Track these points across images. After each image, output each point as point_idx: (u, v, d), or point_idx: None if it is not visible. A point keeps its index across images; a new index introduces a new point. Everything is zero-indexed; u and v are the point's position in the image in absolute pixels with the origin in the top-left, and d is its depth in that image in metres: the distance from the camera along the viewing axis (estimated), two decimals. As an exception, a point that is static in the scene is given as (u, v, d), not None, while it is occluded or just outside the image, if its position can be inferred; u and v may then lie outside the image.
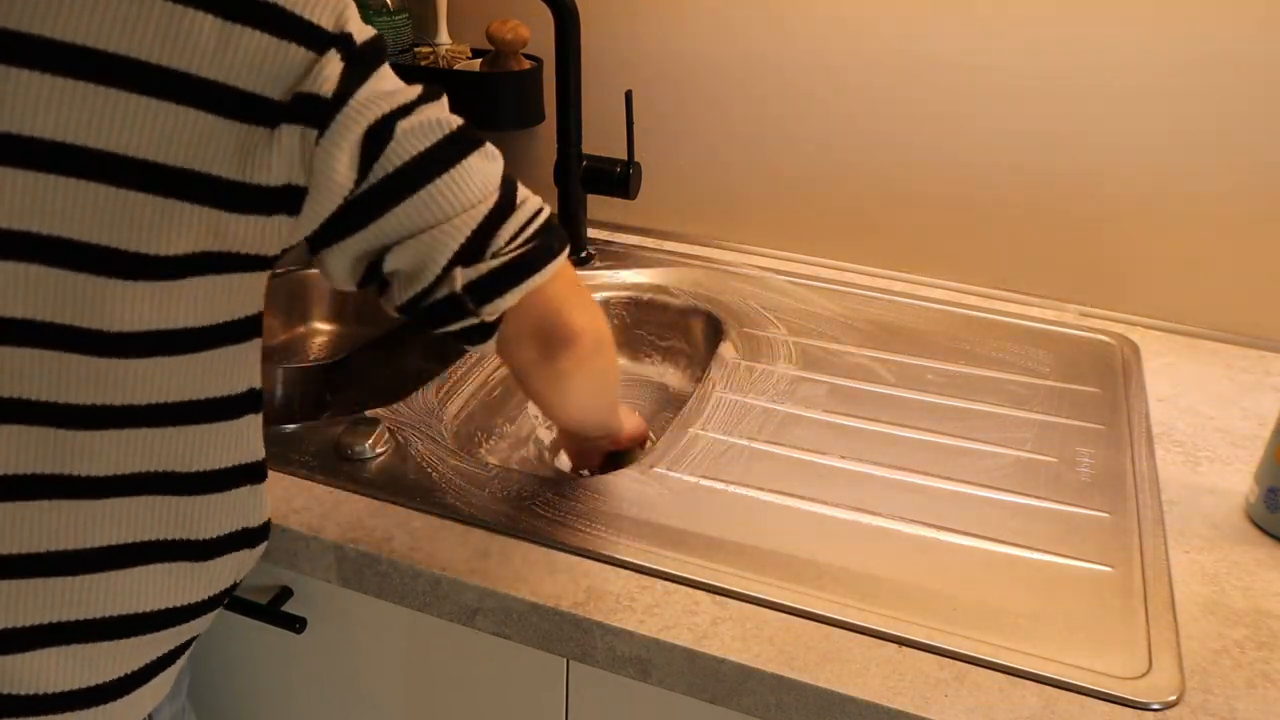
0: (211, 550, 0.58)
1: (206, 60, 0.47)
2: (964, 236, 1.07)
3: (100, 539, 0.54)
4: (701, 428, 0.81)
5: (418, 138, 0.53)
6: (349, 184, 0.52)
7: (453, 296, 0.56)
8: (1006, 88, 0.99)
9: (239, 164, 0.49)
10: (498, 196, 0.56)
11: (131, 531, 0.55)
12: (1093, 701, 0.57)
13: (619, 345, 1.06)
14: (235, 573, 0.61)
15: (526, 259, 0.57)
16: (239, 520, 0.59)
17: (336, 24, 0.51)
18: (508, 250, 0.56)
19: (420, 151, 0.53)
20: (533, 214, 0.58)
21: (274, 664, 0.81)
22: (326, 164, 0.51)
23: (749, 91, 1.09)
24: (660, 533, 0.69)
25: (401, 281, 0.56)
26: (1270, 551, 0.70)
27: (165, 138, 0.48)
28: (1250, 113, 0.93)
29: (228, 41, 0.48)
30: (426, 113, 0.54)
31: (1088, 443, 0.81)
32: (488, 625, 0.66)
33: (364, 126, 0.51)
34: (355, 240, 0.54)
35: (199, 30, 0.47)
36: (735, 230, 1.17)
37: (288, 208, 0.51)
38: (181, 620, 0.59)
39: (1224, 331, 1.01)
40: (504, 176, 0.57)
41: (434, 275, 0.55)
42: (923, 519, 0.71)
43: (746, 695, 0.60)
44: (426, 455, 0.76)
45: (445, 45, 1.16)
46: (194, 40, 0.47)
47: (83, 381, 0.50)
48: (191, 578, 0.58)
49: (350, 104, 0.51)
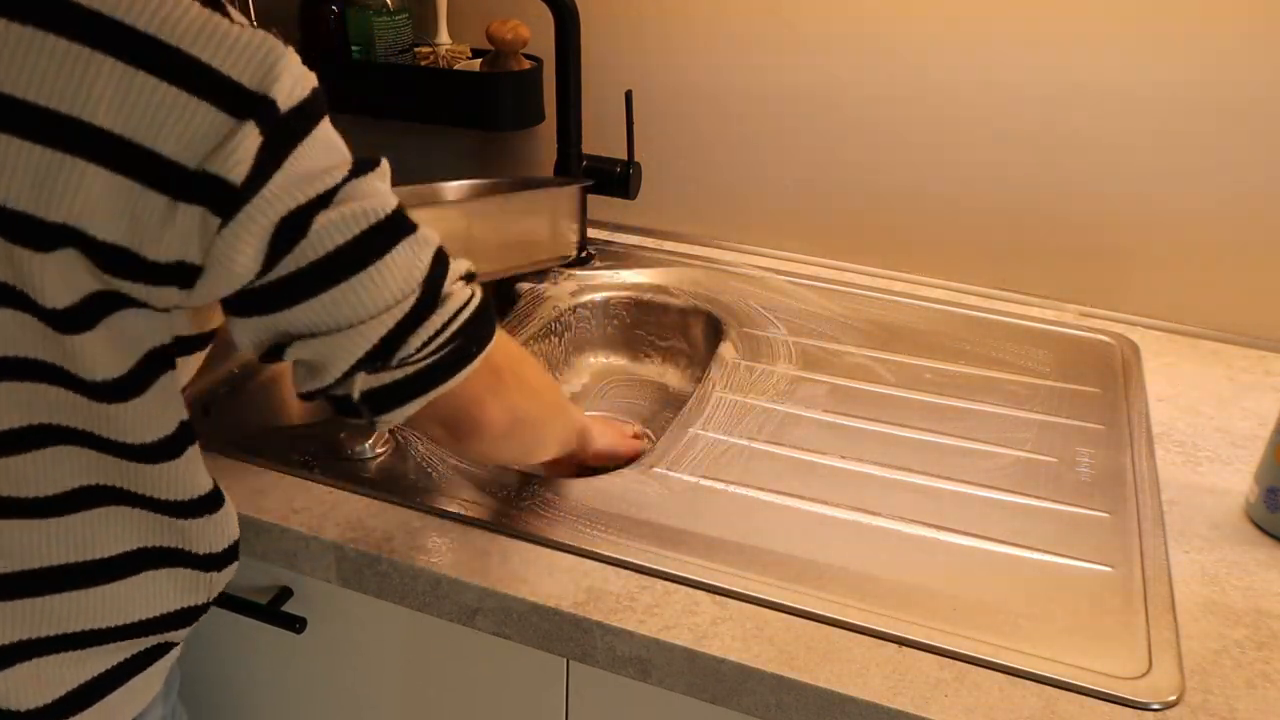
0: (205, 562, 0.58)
1: (102, 109, 0.42)
2: (964, 236, 1.07)
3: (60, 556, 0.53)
4: (701, 428, 0.81)
5: (337, 231, 0.47)
6: (250, 274, 0.46)
7: (349, 399, 0.52)
8: (1007, 88, 0.99)
9: (128, 229, 0.44)
10: (417, 296, 0.50)
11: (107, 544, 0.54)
12: (1093, 701, 0.57)
13: (619, 345, 1.06)
14: (210, 591, 0.60)
15: (434, 369, 0.52)
16: (205, 546, 0.58)
17: (260, 81, 0.44)
18: (416, 358, 0.51)
19: (336, 246, 0.47)
20: (455, 311, 0.52)
21: (274, 664, 0.81)
22: (226, 253, 0.45)
23: (749, 92, 1.09)
24: (660, 533, 0.69)
25: (302, 372, 0.52)
26: (1270, 551, 0.70)
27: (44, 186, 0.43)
28: (1250, 113, 0.93)
29: (128, 90, 0.42)
30: (352, 200, 0.48)
31: (1088, 443, 0.81)
32: (488, 625, 0.66)
33: (275, 219, 0.45)
34: (256, 322, 0.49)
35: (97, 74, 0.42)
36: (735, 230, 1.17)
37: (179, 282, 0.46)
38: (154, 631, 0.58)
39: (1224, 331, 1.01)
40: (432, 265, 0.51)
41: (333, 378, 0.51)
42: (923, 519, 0.71)
43: (746, 695, 0.60)
44: (426, 455, 0.76)
45: (445, 45, 1.16)
46: (90, 85, 0.42)
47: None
48: (181, 584, 0.58)
49: (262, 194, 0.44)
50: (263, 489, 0.73)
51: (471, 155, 1.25)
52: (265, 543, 0.70)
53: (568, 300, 1.03)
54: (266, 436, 0.78)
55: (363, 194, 0.49)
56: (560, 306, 1.01)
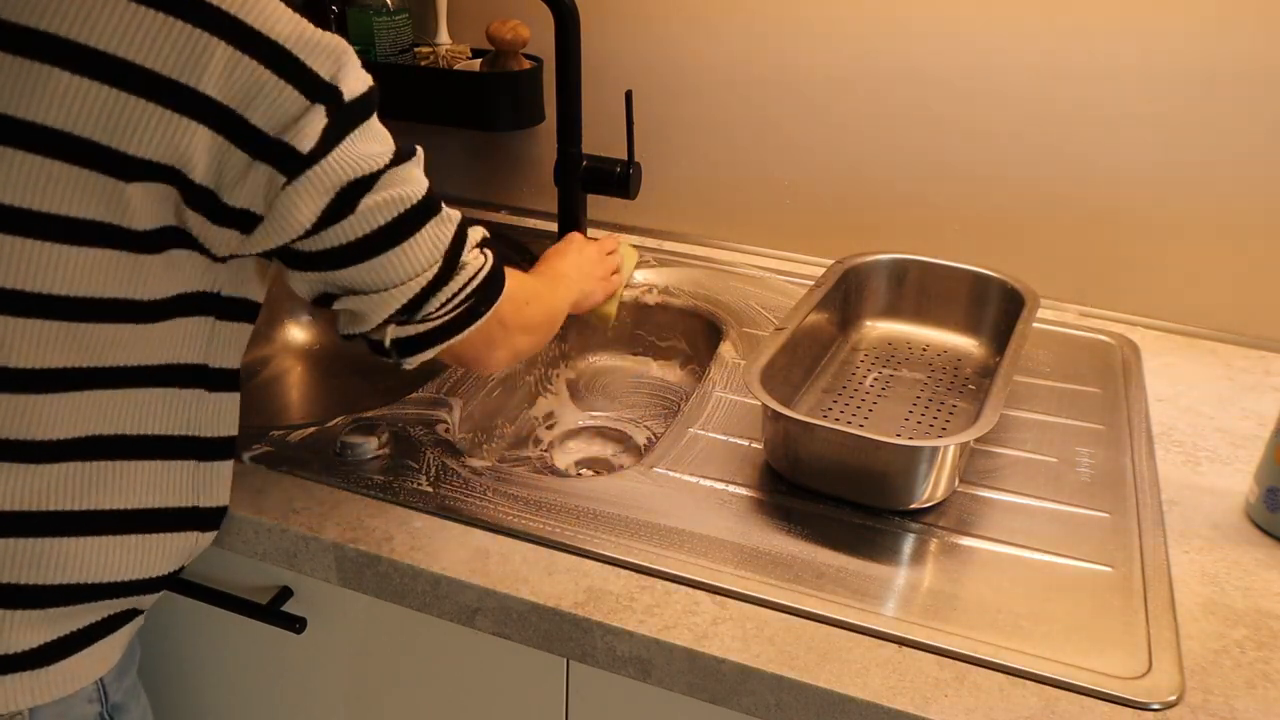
0: (155, 520, 0.62)
1: (213, 82, 0.52)
2: (964, 236, 1.07)
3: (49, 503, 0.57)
4: (701, 427, 0.81)
5: (380, 212, 0.58)
6: (303, 229, 0.57)
7: (382, 344, 0.64)
8: (1007, 90, 0.99)
9: (216, 176, 0.54)
10: (440, 266, 0.62)
11: (82, 495, 0.58)
12: (1093, 701, 0.57)
13: (619, 346, 1.06)
14: (184, 555, 0.64)
15: (450, 324, 0.65)
16: (188, 496, 0.63)
17: (333, 75, 0.54)
18: (438, 315, 0.63)
19: (379, 226, 0.58)
20: (470, 277, 0.64)
21: (274, 664, 0.81)
22: (287, 208, 0.55)
23: (749, 92, 1.09)
24: (660, 533, 0.69)
25: (345, 319, 0.64)
26: (1270, 551, 0.70)
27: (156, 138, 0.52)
28: (1250, 113, 0.93)
29: (234, 69, 0.52)
30: (393, 185, 0.59)
31: (1087, 442, 0.81)
32: (488, 625, 0.66)
33: (332, 190, 0.56)
34: (312, 276, 0.61)
35: (211, 54, 0.51)
36: (735, 230, 1.17)
37: (241, 227, 0.56)
38: (121, 594, 0.61)
39: (1224, 331, 1.01)
40: (454, 239, 0.63)
41: (371, 326, 0.63)
42: (922, 518, 0.71)
43: (746, 695, 0.60)
44: (426, 455, 0.76)
45: (445, 45, 1.16)
46: (205, 62, 0.52)
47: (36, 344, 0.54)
48: (140, 547, 0.61)
49: (323, 163, 0.55)
50: (263, 489, 0.73)
51: (471, 155, 1.25)
52: (265, 543, 0.70)
53: (568, 300, 1.03)
54: (267, 437, 0.78)
55: (402, 179, 0.59)
56: (560, 306, 1.01)
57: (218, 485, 0.66)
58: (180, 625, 0.83)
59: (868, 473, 0.70)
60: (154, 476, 0.61)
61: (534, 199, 1.24)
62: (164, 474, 0.62)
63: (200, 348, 0.61)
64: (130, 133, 0.51)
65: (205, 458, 0.64)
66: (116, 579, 0.61)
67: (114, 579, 0.61)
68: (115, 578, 0.61)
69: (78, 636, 0.60)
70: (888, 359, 0.94)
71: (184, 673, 0.86)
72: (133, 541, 0.61)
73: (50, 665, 0.59)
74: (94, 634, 0.61)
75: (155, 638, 0.85)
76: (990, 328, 0.95)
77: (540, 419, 0.98)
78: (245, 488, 0.72)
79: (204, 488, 0.64)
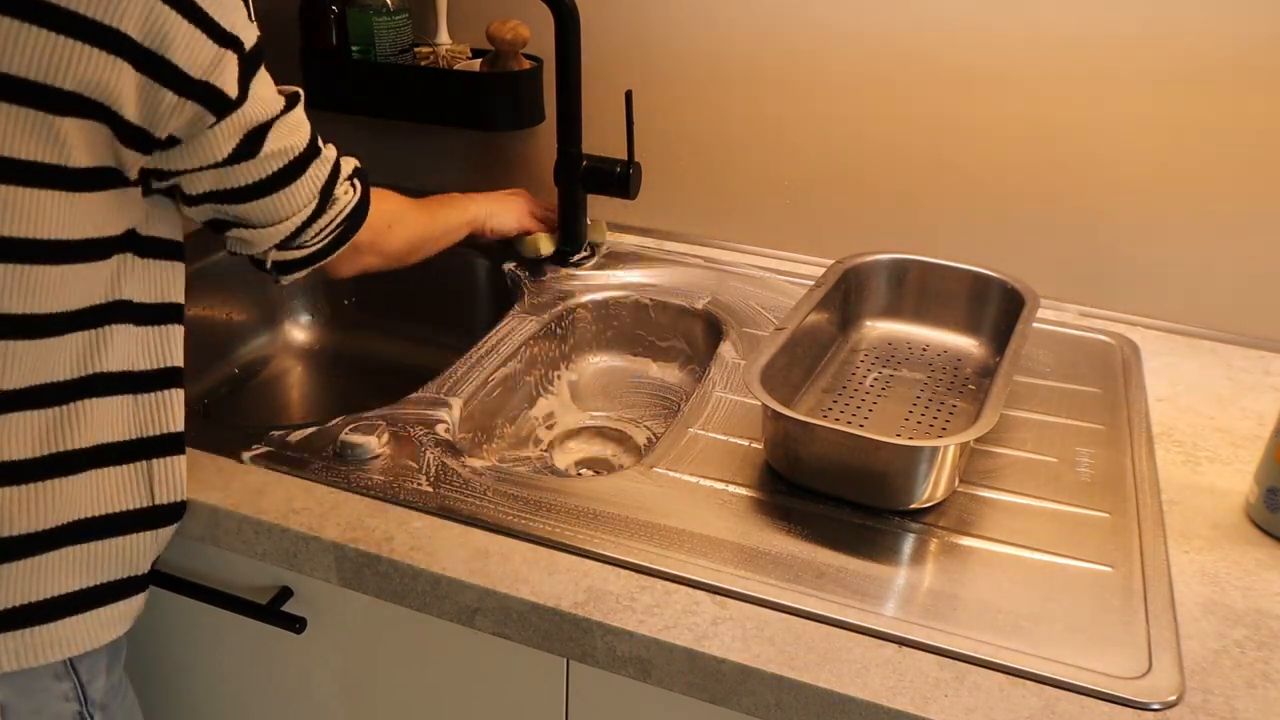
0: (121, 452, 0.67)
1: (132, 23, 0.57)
2: (964, 236, 1.07)
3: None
4: (701, 428, 0.81)
5: (273, 161, 0.68)
6: (215, 161, 0.65)
7: (264, 264, 0.76)
8: (1007, 89, 0.99)
9: (146, 114, 0.60)
10: (316, 201, 0.73)
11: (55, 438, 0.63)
12: (1093, 701, 0.57)
13: (619, 345, 1.06)
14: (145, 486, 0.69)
15: (322, 250, 0.77)
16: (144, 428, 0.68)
17: (231, 24, 0.62)
18: (313, 243, 0.75)
19: (272, 173, 0.68)
20: (340, 210, 0.76)
21: (274, 664, 0.81)
22: (208, 142, 0.64)
23: (749, 91, 1.09)
24: (660, 533, 0.69)
25: (234, 243, 0.74)
26: (1270, 551, 0.70)
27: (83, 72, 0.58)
28: (1251, 112, 0.93)
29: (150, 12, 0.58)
30: (286, 133, 0.68)
31: (1087, 442, 0.81)
32: (488, 625, 0.66)
33: (243, 130, 0.65)
34: (210, 208, 0.69)
35: (163, 16, 0.58)
36: (735, 230, 1.17)
37: (164, 147, 0.63)
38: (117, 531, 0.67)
39: (1224, 331, 1.01)
40: (329, 176, 0.73)
41: (256, 251, 0.74)
42: (921, 518, 0.71)
43: (746, 695, 0.60)
44: (426, 455, 0.76)
45: (445, 45, 1.16)
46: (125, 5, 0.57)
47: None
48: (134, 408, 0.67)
49: (243, 107, 0.64)
50: (263, 489, 0.73)
51: (471, 155, 1.25)
52: (265, 543, 0.70)
53: (568, 300, 1.03)
54: (266, 436, 0.78)
55: (292, 127, 0.69)
56: (560, 307, 1.01)
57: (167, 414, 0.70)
58: (179, 625, 0.83)
59: (868, 473, 0.70)
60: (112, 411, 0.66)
61: (534, 199, 1.24)
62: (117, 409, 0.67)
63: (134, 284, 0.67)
64: (59, 68, 0.56)
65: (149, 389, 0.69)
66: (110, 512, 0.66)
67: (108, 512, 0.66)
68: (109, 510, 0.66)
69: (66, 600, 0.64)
70: (888, 359, 0.94)
71: (184, 673, 0.86)
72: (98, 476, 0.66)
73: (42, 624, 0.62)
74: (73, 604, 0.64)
75: (154, 638, 0.85)
76: (990, 328, 0.95)
77: (540, 419, 0.98)
78: (245, 488, 0.72)
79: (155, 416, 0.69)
